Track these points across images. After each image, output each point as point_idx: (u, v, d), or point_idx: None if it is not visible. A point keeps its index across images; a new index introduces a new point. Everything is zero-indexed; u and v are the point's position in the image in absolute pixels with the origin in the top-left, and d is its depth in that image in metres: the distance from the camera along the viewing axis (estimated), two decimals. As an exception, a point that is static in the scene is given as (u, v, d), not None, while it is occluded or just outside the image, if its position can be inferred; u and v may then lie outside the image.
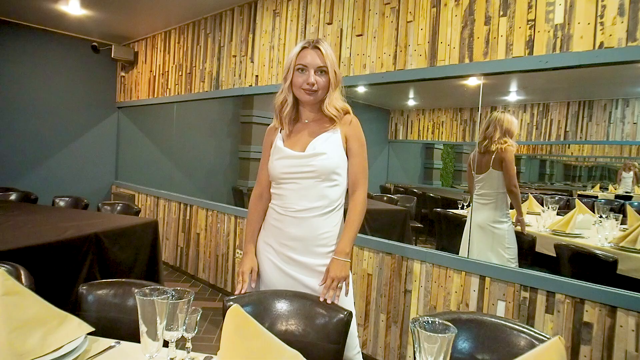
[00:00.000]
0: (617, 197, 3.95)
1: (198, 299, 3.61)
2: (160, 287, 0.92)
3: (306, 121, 1.64)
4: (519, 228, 2.85)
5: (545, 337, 1.08)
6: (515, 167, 2.75)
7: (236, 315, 0.90)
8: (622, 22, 1.84)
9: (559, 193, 4.28)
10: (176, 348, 1.01)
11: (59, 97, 5.18)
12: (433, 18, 2.44)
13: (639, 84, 3.07)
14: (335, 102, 1.59)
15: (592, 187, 4.51)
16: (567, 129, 3.50)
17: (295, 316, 1.40)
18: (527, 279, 2.11)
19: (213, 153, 5.76)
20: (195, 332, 1.03)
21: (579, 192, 4.44)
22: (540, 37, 2.07)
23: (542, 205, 3.43)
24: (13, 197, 3.63)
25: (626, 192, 3.96)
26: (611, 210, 3.08)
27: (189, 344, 1.04)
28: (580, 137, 3.44)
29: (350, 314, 1.38)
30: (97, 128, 5.54)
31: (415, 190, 5.03)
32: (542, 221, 3.25)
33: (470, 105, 4.36)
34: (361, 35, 2.79)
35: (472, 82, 2.56)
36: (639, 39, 1.80)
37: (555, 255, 2.66)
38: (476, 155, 2.89)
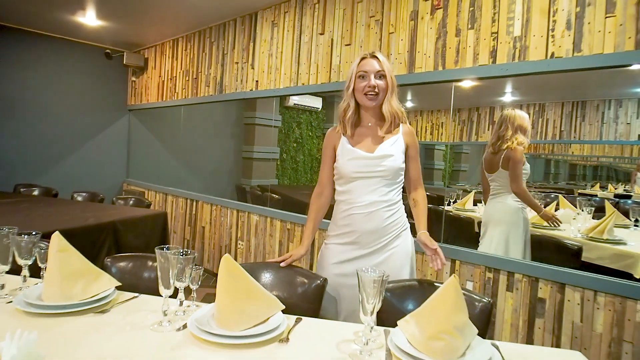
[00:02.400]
0: (616, 196, 3.97)
1: (203, 286, 3.90)
2: (173, 246, 1.22)
3: (369, 124, 1.83)
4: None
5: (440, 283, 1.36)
6: (520, 167, 2.80)
7: (228, 262, 1.20)
8: (570, 35, 2.11)
9: (561, 192, 4.31)
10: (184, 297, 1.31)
11: (75, 100, 5.54)
12: (411, 30, 2.73)
13: (631, 85, 3.15)
14: (394, 104, 1.79)
15: (592, 186, 4.62)
16: (562, 129, 3.57)
17: (281, 282, 1.70)
18: (491, 261, 2.40)
19: (218, 153, 5.99)
20: (199, 285, 1.33)
21: (579, 191, 4.53)
22: (502, 47, 2.34)
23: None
24: (36, 192, 3.99)
25: (626, 191, 4.02)
26: (591, 205, 3.30)
27: (193, 294, 1.34)
28: (574, 137, 3.51)
29: (325, 280, 1.68)
30: (109, 129, 5.89)
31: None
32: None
33: (469, 105, 4.49)
34: (349, 44, 3.09)
35: (467, 83, 2.72)
36: (584, 50, 2.07)
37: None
38: (488, 155, 2.97)
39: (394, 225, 1.79)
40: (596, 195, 4.29)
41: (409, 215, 1.93)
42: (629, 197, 3.87)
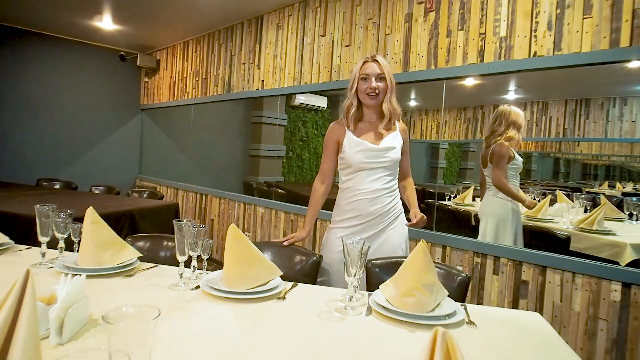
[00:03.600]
0: (624, 194, 3.98)
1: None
2: (187, 219, 1.43)
3: (371, 120, 2.03)
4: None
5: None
6: (503, 162, 2.90)
7: (234, 231, 1.41)
8: (550, 35, 2.28)
9: (565, 189, 4.32)
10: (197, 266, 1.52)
11: (92, 101, 5.82)
12: (406, 31, 2.91)
13: (635, 83, 3.16)
14: (393, 102, 1.99)
15: (600, 185, 4.67)
16: (566, 127, 3.57)
17: (282, 259, 1.90)
18: (479, 246, 2.57)
19: (226, 150, 6.18)
20: (209, 255, 1.53)
21: (586, 190, 4.55)
22: (489, 47, 2.51)
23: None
24: (57, 185, 4.26)
25: (635, 190, 4.03)
26: (587, 200, 3.43)
27: (204, 263, 1.55)
28: (578, 135, 3.52)
29: (321, 256, 1.88)
30: (123, 128, 6.16)
31: (415, 186, 5.31)
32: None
33: (474, 104, 4.56)
34: (349, 45, 3.28)
35: (470, 82, 2.90)
36: (563, 49, 2.24)
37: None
38: (483, 150, 3.12)
39: (393, 209, 2.01)
40: (603, 194, 4.33)
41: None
42: (638, 195, 3.88)
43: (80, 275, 1.00)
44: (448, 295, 1.37)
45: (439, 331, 0.61)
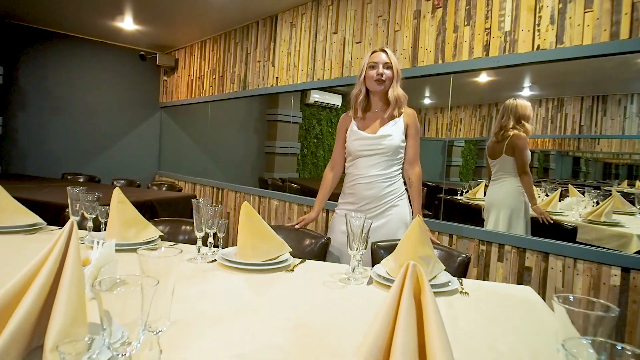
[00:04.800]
0: None
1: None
2: (205, 199, 1.56)
3: (376, 110, 2.16)
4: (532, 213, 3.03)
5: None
6: (527, 153, 2.97)
7: (247, 208, 1.54)
8: (553, 29, 2.35)
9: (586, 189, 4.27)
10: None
11: (113, 99, 6.06)
12: (414, 28, 3.01)
13: None
14: (398, 90, 2.11)
15: (619, 184, 4.66)
16: (582, 124, 3.56)
17: (293, 241, 2.02)
18: (484, 234, 2.66)
19: (242, 147, 6.30)
20: (224, 233, 1.66)
21: (605, 188, 4.50)
22: (494, 42, 2.60)
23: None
24: (81, 179, 4.47)
25: None
26: (600, 195, 3.46)
27: (220, 241, 1.68)
28: (595, 132, 3.52)
29: (329, 239, 2.00)
30: (143, 125, 6.38)
31: (429, 183, 5.38)
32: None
33: (489, 100, 4.57)
34: (360, 42, 3.39)
35: (483, 78, 2.99)
36: (565, 42, 2.31)
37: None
38: (491, 143, 3.20)
39: (391, 194, 2.11)
40: (622, 191, 4.28)
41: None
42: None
43: (111, 241, 1.13)
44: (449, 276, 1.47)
45: (410, 264, 0.71)
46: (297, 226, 2.10)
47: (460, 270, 1.77)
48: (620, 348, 0.57)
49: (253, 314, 1.10)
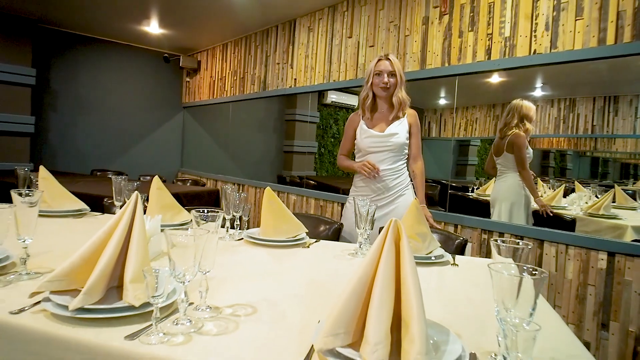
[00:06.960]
0: None
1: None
2: (231, 186, 1.83)
3: (382, 111, 2.41)
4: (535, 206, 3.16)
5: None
6: (525, 151, 3.11)
7: (269, 193, 1.80)
8: (548, 35, 2.55)
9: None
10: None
11: (138, 99, 6.40)
12: (423, 33, 3.23)
13: None
14: (401, 94, 2.34)
15: (634, 184, 4.73)
16: (594, 124, 3.61)
17: (309, 227, 2.26)
18: (485, 224, 2.87)
19: (261, 146, 6.54)
20: (248, 217, 1.93)
21: (620, 188, 4.52)
22: (495, 46, 2.80)
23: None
24: (110, 175, 4.83)
25: None
26: (603, 190, 3.61)
27: (245, 223, 1.94)
28: (607, 132, 3.55)
29: (341, 224, 2.25)
30: (167, 124, 6.72)
31: (443, 181, 5.48)
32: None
33: (503, 100, 4.66)
34: (373, 46, 3.62)
35: (496, 79, 3.18)
36: (559, 47, 2.50)
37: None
38: (496, 140, 3.33)
39: (398, 186, 2.37)
40: (633, 191, 4.33)
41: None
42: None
43: (157, 216, 1.40)
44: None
45: (392, 220, 0.94)
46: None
47: (457, 251, 2.00)
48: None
49: (276, 274, 1.36)
